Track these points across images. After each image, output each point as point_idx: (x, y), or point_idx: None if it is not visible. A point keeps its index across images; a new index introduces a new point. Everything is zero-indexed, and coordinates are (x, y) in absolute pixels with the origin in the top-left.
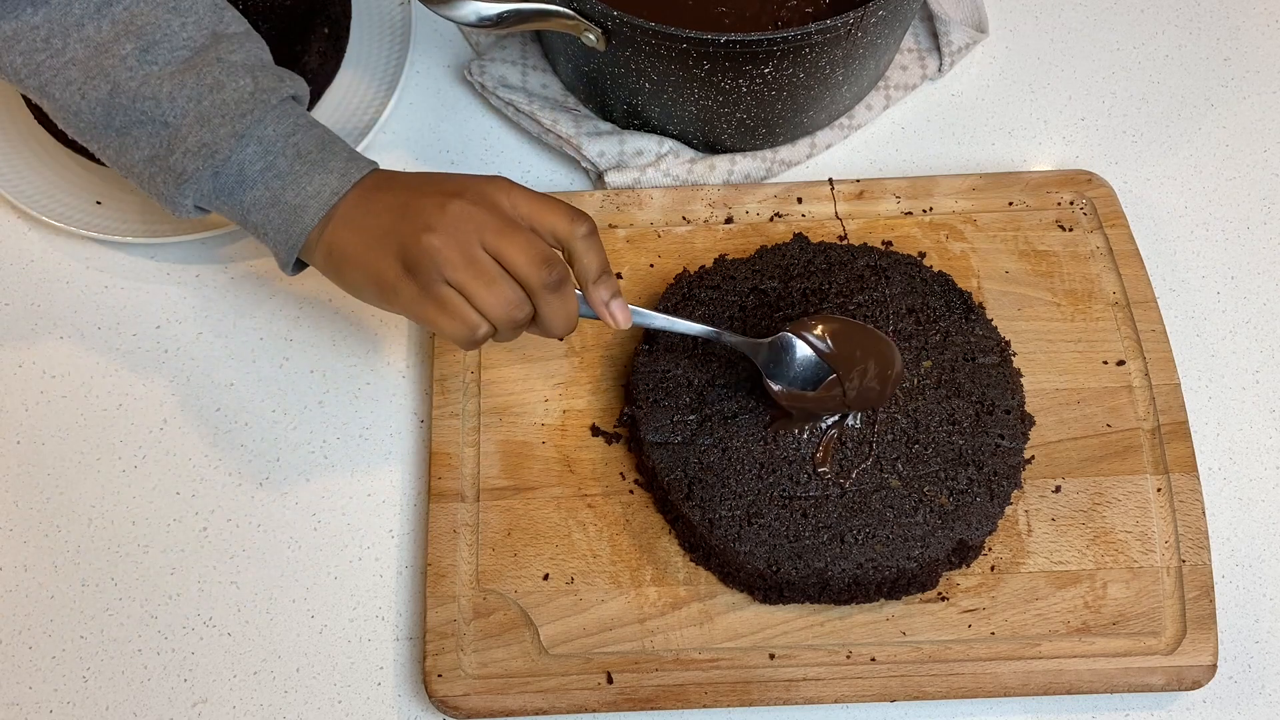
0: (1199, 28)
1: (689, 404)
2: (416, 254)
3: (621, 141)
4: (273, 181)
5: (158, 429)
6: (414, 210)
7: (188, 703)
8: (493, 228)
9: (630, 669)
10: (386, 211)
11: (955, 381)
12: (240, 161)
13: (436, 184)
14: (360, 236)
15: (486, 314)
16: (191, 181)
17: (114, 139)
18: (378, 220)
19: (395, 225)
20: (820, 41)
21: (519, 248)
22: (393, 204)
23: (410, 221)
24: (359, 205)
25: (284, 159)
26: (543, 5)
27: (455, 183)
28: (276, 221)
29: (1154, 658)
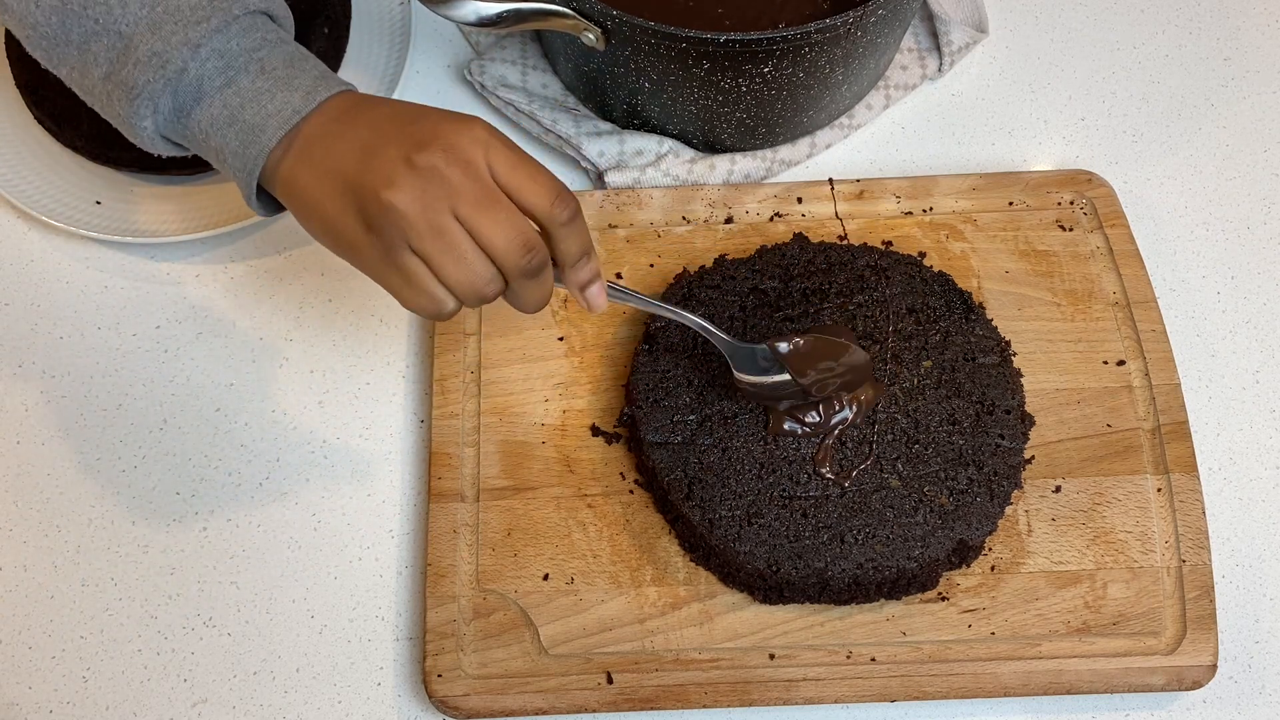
0: (1199, 28)
1: (689, 404)
2: (378, 212)
3: (621, 141)
4: (231, 98)
5: (158, 429)
6: (378, 159)
7: (188, 703)
8: (467, 196)
9: (630, 669)
10: (349, 151)
11: (955, 381)
12: (198, 76)
13: (405, 125)
14: (318, 179)
15: (453, 289)
16: (144, 97)
17: (75, 56)
18: (339, 160)
19: (356, 174)
20: (820, 41)
21: (496, 225)
22: (355, 141)
23: (372, 172)
24: (321, 136)
25: (246, 75)
26: (542, 5)
27: (427, 127)
28: (234, 144)
29: (1154, 658)
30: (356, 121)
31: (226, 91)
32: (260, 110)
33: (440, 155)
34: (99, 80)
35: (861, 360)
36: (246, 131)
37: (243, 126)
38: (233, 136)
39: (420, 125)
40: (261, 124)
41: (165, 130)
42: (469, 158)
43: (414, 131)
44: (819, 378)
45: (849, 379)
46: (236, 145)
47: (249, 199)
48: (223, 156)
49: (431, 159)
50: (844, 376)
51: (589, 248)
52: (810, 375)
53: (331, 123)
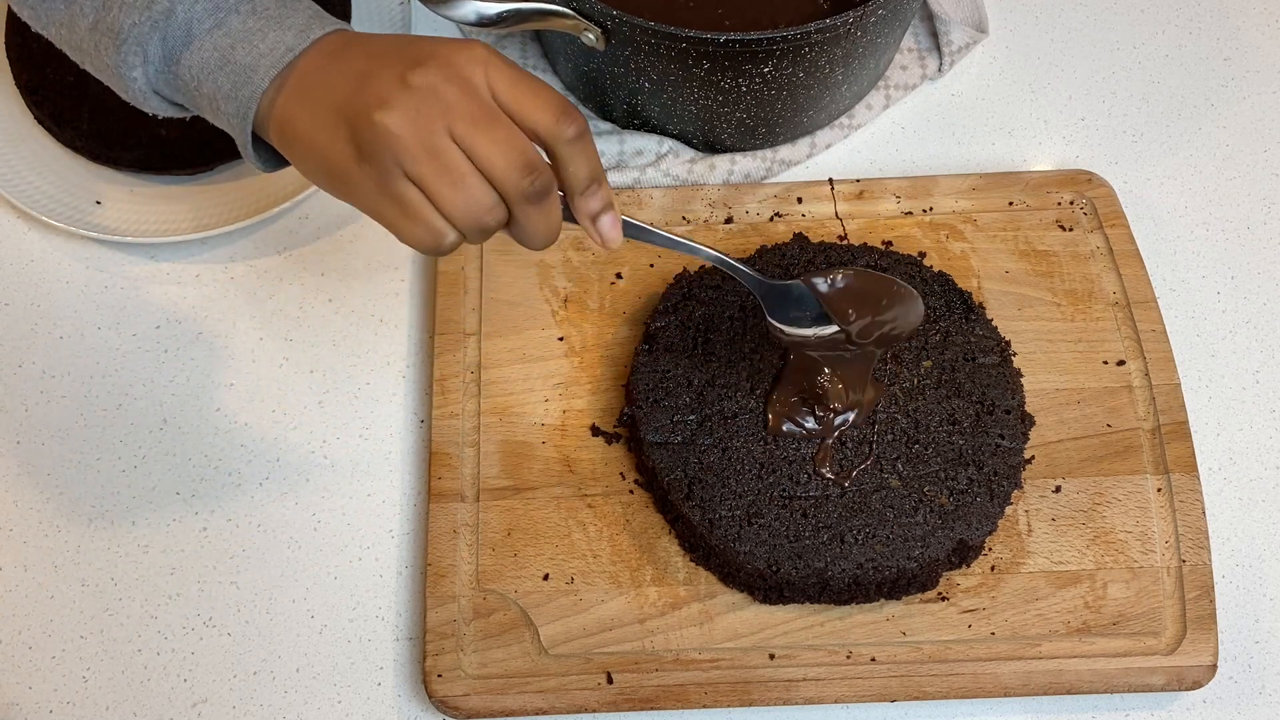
0: (1199, 28)
1: (689, 404)
2: (370, 137)
3: (621, 141)
4: (222, 40)
5: (158, 429)
6: (372, 81)
7: (188, 703)
8: (464, 114)
9: (630, 669)
10: (342, 81)
11: (955, 381)
12: (187, 18)
13: (402, 49)
14: (311, 111)
15: (451, 218)
16: (132, 40)
17: (61, 9)
18: (331, 92)
19: (349, 99)
20: (820, 41)
21: (495, 145)
22: (349, 72)
23: (365, 96)
24: (314, 72)
25: (236, 15)
26: (542, 5)
27: (424, 48)
28: (226, 87)
29: (1154, 658)
30: (351, 54)
31: (216, 33)
32: (252, 50)
33: (436, 73)
34: (86, 31)
35: (911, 300)
36: (238, 73)
37: (234, 68)
38: (224, 79)
39: (417, 47)
40: (253, 64)
41: (156, 83)
42: (467, 75)
43: (410, 53)
44: (864, 323)
45: (899, 325)
46: (229, 88)
47: (245, 147)
48: (215, 103)
49: (427, 77)
50: (894, 320)
51: (599, 173)
52: (855, 320)
53: (325, 58)
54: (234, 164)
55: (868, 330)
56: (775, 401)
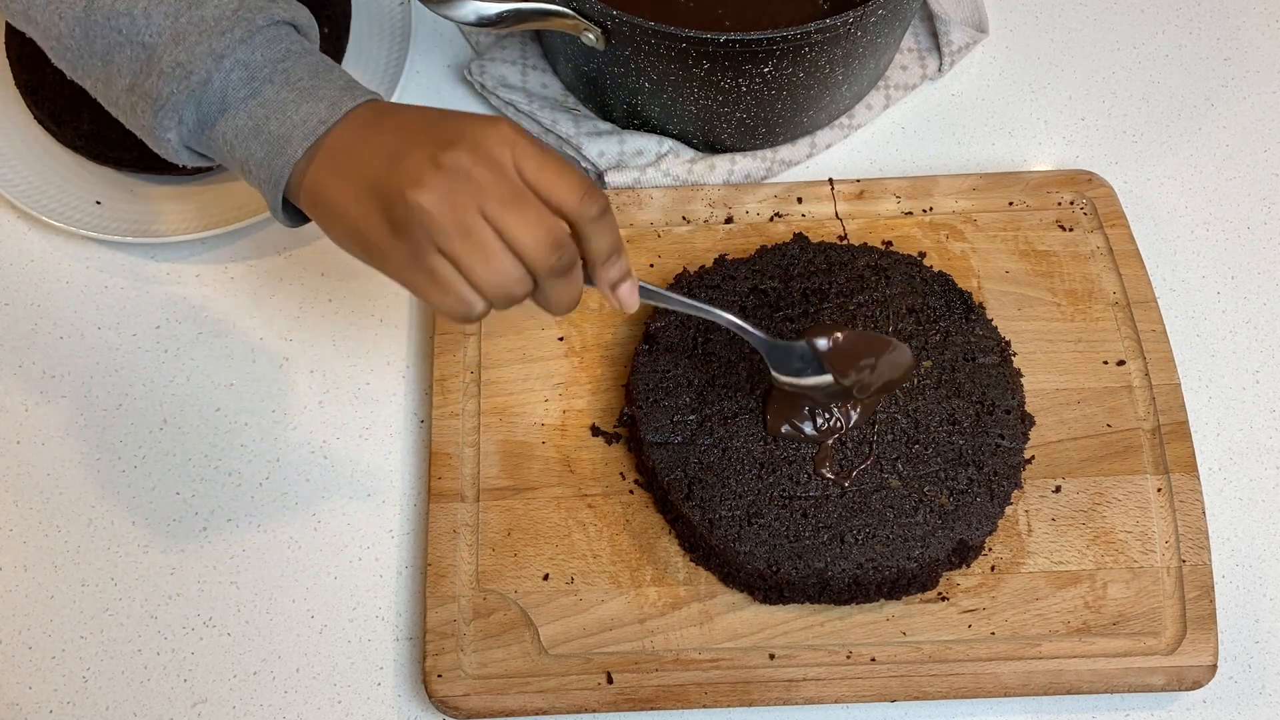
0: (1199, 28)
1: (689, 404)
2: (404, 214)
3: (621, 141)
4: (257, 110)
5: (158, 429)
6: (404, 160)
7: (188, 703)
8: (495, 195)
9: (630, 669)
10: (375, 156)
11: (955, 381)
12: (223, 87)
13: (432, 126)
14: (344, 184)
15: (481, 290)
16: (169, 108)
17: (99, 68)
18: (365, 166)
19: (383, 176)
20: (820, 41)
21: (526, 224)
22: (381, 148)
23: (399, 174)
24: (347, 145)
25: (271, 86)
26: (542, 5)
27: (453, 127)
28: (259, 155)
29: (1154, 658)
30: (382, 127)
31: (251, 103)
32: (285, 121)
33: (467, 154)
34: (123, 92)
35: (905, 358)
36: (271, 142)
37: (268, 137)
38: (258, 148)
39: (446, 125)
40: (287, 135)
41: (190, 142)
42: (496, 156)
43: (440, 132)
44: (859, 377)
45: (891, 378)
46: (262, 156)
47: (274, 210)
48: (248, 168)
49: (458, 158)
50: (886, 375)
51: (619, 245)
52: (851, 375)
53: (357, 130)
54: None
55: (864, 384)
56: (773, 403)
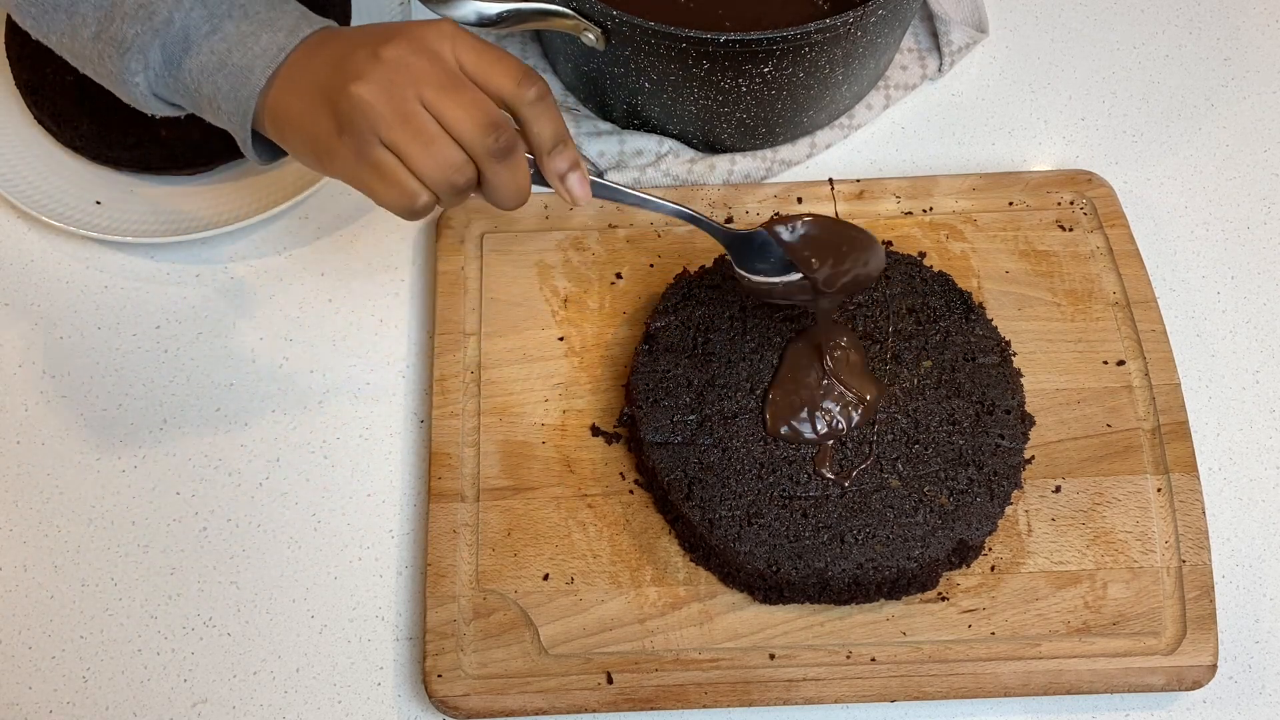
0: (1199, 28)
1: (689, 404)
2: (347, 108)
3: (621, 141)
4: (218, 44)
5: (158, 429)
6: (348, 59)
7: (188, 703)
8: (432, 81)
9: (630, 669)
10: (323, 66)
11: (955, 381)
12: (184, 25)
13: (376, 31)
14: (297, 96)
15: (424, 179)
16: (134, 50)
17: (64, 20)
18: (314, 76)
19: (329, 78)
20: (820, 40)
21: (461, 107)
22: (330, 57)
23: (342, 72)
24: (301, 63)
25: (230, 20)
26: (543, 5)
27: (394, 27)
28: (225, 88)
29: (1154, 658)
30: (331, 42)
31: (213, 38)
32: (247, 52)
33: (405, 46)
34: (89, 40)
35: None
36: (236, 74)
37: (231, 70)
38: (223, 80)
39: (389, 27)
40: (249, 65)
41: (157, 87)
42: (434, 47)
43: (382, 31)
44: (828, 270)
45: (861, 271)
46: (228, 89)
47: (244, 143)
48: (216, 103)
49: (397, 50)
50: (856, 267)
51: (563, 133)
52: (818, 267)
53: (311, 49)
54: (234, 164)
55: (832, 278)
56: (773, 402)
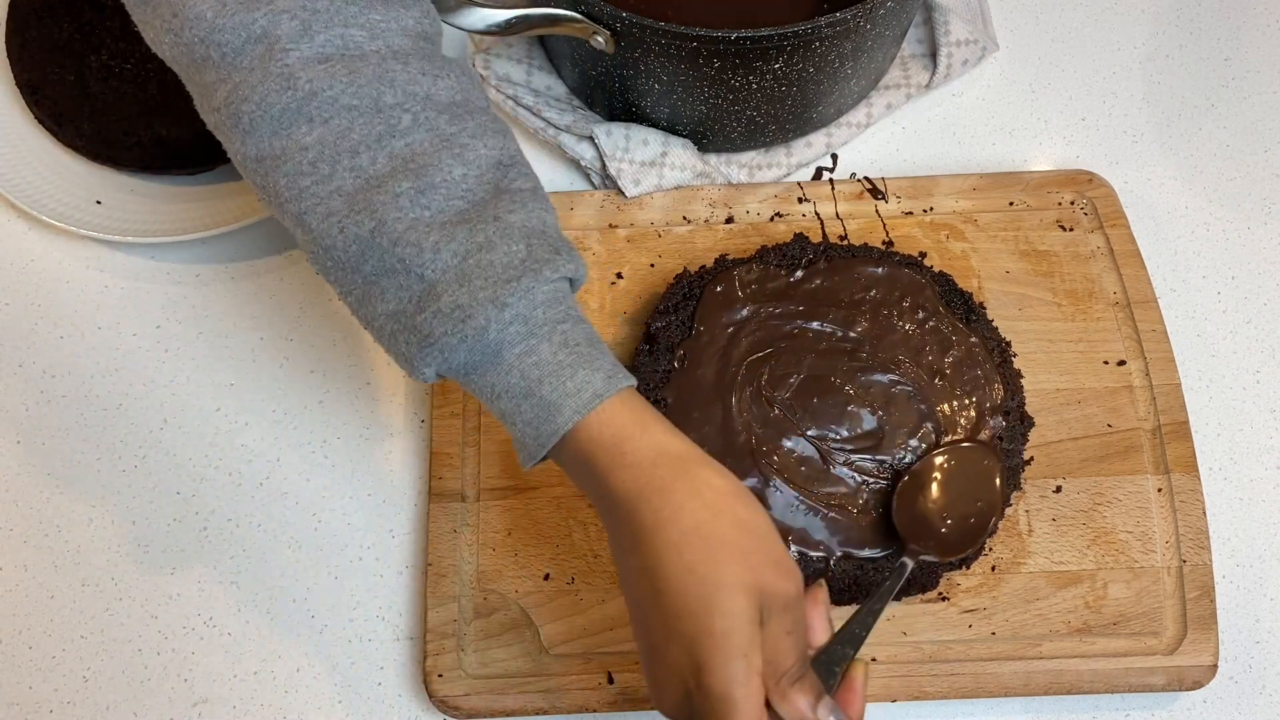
0: (1199, 28)
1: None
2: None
3: (626, 140)
4: (531, 370)
5: (158, 429)
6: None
7: (188, 703)
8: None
9: (631, 669)
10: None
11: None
12: (499, 339)
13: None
14: (608, 470)
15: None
16: (437, 348)
17: (359, 285)
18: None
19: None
20: (830, 35)
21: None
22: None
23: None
24: (617, 426)
25: (548, 344)
26: (552, 10)
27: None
28: (528, 415)
29: (1155, 658)
30: (692, 497)
31: (526, 361)
32: (559, 388)
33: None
34: (383, 315)
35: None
36: (542, 407)
37: (538, 401)
38: (528, 408)
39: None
40: (559, 403)
41: (445, 374)
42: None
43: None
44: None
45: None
46: (530, 417)
47: (527, 461)
48: (511, 420)
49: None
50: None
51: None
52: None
53: (629, 418)
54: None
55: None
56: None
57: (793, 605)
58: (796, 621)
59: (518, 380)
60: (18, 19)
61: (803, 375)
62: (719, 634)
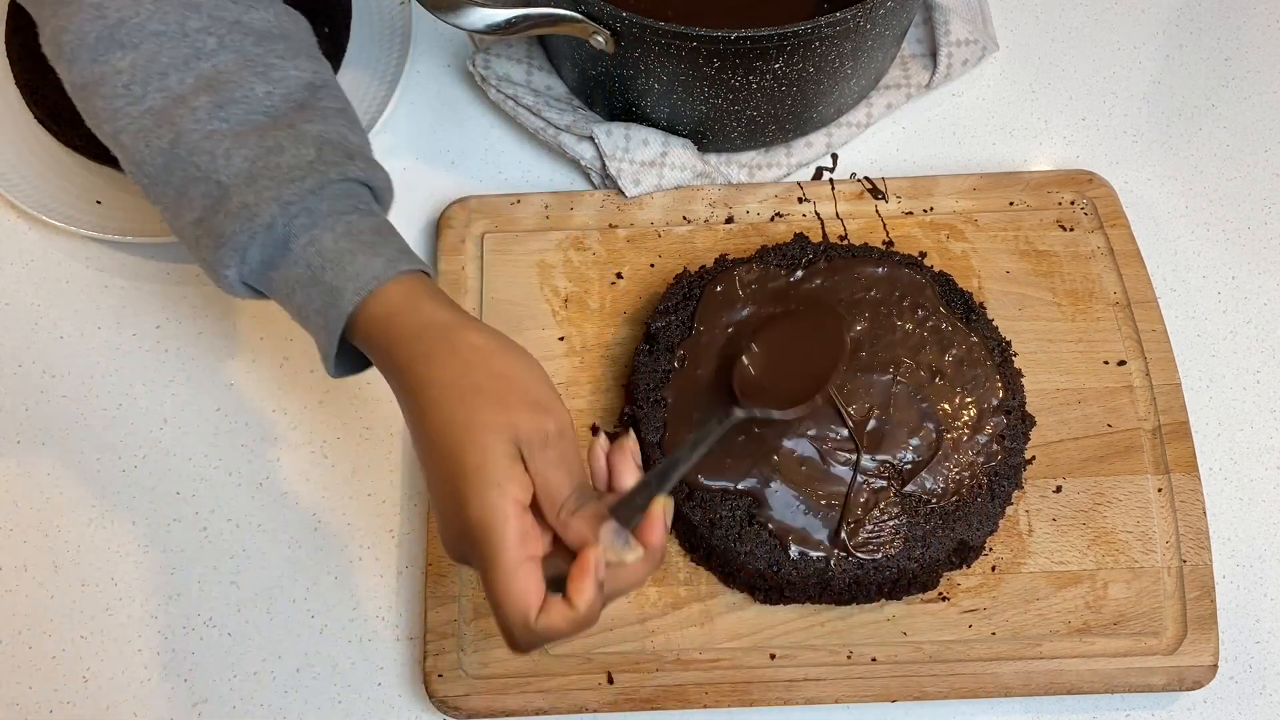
0: (1199, 28)
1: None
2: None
3: (625, 140)
4: (314, 258)
5: (158, 429)
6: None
7: (188, 703)
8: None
9: (631, 669)
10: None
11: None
12: (285, 233)
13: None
14: (398, 344)
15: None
16: (230, 246)
17: (172, 196)
18: (421, 342)
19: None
20: (830, 35)
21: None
22: (449, 394)
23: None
24: (401, 306)
25: (330, 234)
26: (552, 10)
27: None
28: (316, 303)
29: (1155, 658)
30: (449, 356)
31: (310, 250)
32: (340, 273)
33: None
34: (189, 223)
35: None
36: (326, 293)
37: (324, 289)
38: (315, 296)
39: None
40: (341, 286)
41: (249, 279)
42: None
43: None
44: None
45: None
46: (319, 305)
47: (327, 358)
48: (304, 314)
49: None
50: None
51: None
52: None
53: (412, 298)
54: None
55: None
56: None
57: (554, 440)
58: (563, 456)
59: (303, 270)
60: (18, 19)
61: None
62: (471, 468)
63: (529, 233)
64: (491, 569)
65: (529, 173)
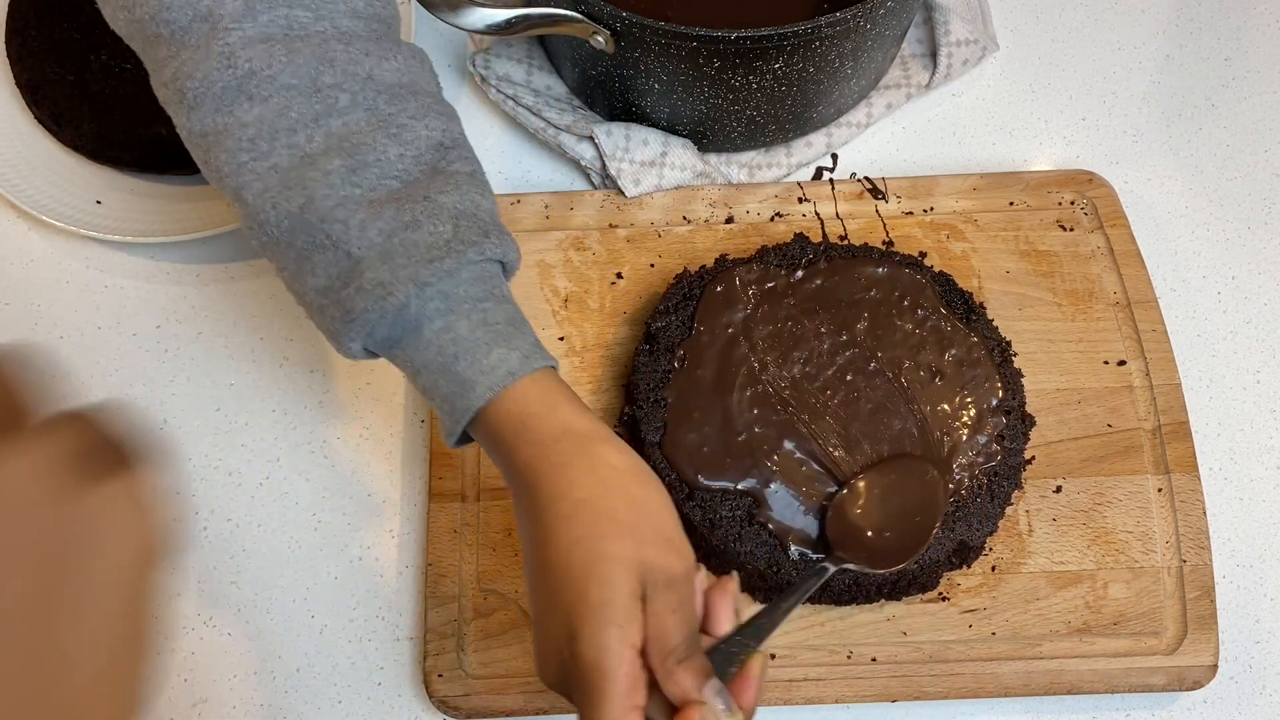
0: (1199, 28)
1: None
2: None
3: (625, 140)
4: (448, 345)
5: (158, 429)
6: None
7: (188, 703)
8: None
9: None
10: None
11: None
12: (418, 315)
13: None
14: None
15: None
16: (360, 322)
17: (293, 261)
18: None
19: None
20: (830, 35)
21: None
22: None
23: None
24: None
25: (466, 322)
26: (552, 10)
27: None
28: (445, 390)
29: (1155, 658)
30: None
31: (444, 337)
32: (474, 365)
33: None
34: (313, 290)
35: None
36: (457, 383)
37: (454, 377)
38: (445, 384)
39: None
40: (473, 380)
41: (370, 347)
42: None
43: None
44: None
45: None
46: (447, 393)
47: (447, 438)
48: (431, 396)
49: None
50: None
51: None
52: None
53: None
54: None
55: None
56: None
57: (678, 584)
58: (683, 601)
59: (435, 356)
60: (18, 19)
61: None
62: (594, 603)
63: (529, 232)
64: (595, 713)
65: (529, 173)
